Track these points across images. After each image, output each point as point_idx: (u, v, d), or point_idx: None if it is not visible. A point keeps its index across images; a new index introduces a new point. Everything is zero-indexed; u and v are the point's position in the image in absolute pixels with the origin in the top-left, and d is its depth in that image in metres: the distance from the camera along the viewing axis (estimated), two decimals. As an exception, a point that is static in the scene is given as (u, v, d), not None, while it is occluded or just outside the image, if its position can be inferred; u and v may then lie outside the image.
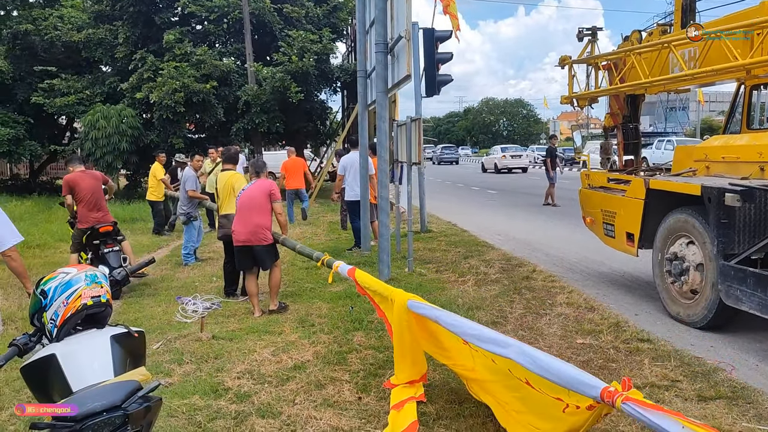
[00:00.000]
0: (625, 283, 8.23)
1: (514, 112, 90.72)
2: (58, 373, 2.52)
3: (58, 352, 2.59)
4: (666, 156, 18.79)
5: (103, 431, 2.19)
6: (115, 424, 2.22)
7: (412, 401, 4.27)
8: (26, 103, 20.87)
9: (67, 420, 2.19)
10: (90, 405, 2.22)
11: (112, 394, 2.30)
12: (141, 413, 2.34)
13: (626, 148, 8.94)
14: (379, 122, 8.65)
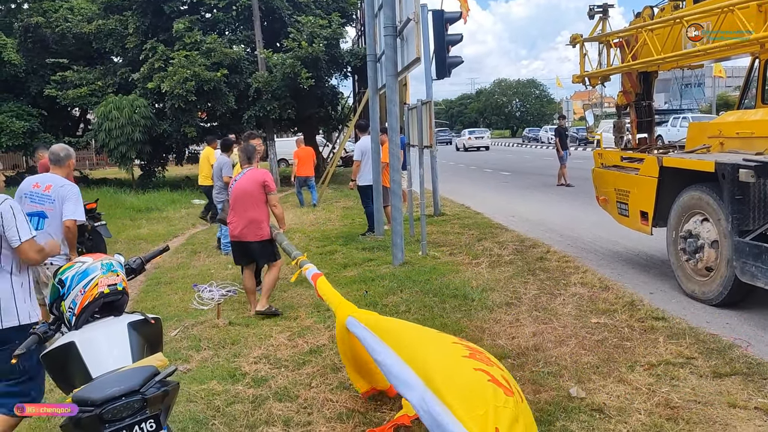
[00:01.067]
0: (639, 262, 8.20)
1: (527, 93, 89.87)
2: (77, 360, 2.58)
3: (77, 339, 2.64)
4: (682, 133, 18.58)
5: (123, 415, 2.24)
6: (134, 408, 2.27)
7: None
8: (39, 95, 21.04)
9: (88, 404, 2.25)
10: (109, 390, 2.28)
11: (130, 379, 2.35)
12: (159, 397, 2.39)
13: (639, 126, 8.86)
14: (389, 106, 8.63)
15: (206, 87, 19.05)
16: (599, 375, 4.51)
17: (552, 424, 3.78)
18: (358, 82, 23.87)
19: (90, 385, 2.41)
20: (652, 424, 3.73)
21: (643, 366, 4.61)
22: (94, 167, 35.84)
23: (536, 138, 54.33)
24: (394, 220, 8.46)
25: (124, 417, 2.25)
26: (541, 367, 4.69)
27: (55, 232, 5.08)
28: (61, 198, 5.16)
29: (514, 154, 39.11)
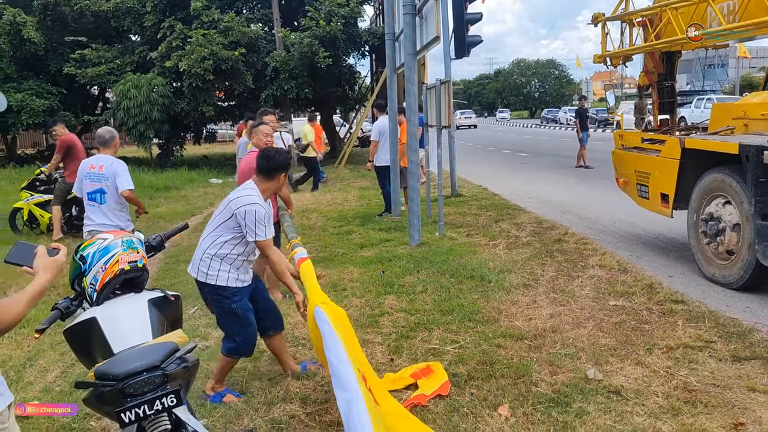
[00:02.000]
0: (658, 244, 8.13)
1: (546, 73, 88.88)
2: (99, 335, 2.61)
3: (98, 315, 2.67)
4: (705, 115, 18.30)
5: (144, 390, 2.27)
6: (155, 384, 2.30)
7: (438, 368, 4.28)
8: (59, 74, 21.12)
9: (110, 379, 2.28)
10: (131, 365, 2.30)
11: (151, 355, 2.37)
12: (180, 373, 2.41)
13: (661, 107, 8.72)
14: (408, 85, 8.57)
15: (224, 66, 19.02)
16: (617, 357, 4.49)
17: (569, 406, 3.77)
18: (375, 62, 23.69)
19: (112, 359, 2.44)
20: (669, 407, 3.72)
21: (661, 349, 4.59)
22: (113, 146, 36.11)
23: (555, 119, 53.78)
24: (411, 200, 8.44)
25: (145, 392, 2.27)
26: (559, 348, 4.68)
27: (113, 204, 5.97)
28: (113, 173, 5.95)
29: (532, 135, 38.78)
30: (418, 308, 5.71)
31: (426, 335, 5.05)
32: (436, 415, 3.75)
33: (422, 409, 3.81)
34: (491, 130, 51.11)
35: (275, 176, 4.04)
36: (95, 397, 2.36)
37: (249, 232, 3.88)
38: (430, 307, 5.73)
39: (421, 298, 6.00)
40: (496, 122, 67.60)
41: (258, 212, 3.88)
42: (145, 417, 2.27)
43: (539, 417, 3.67)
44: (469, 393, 4.02)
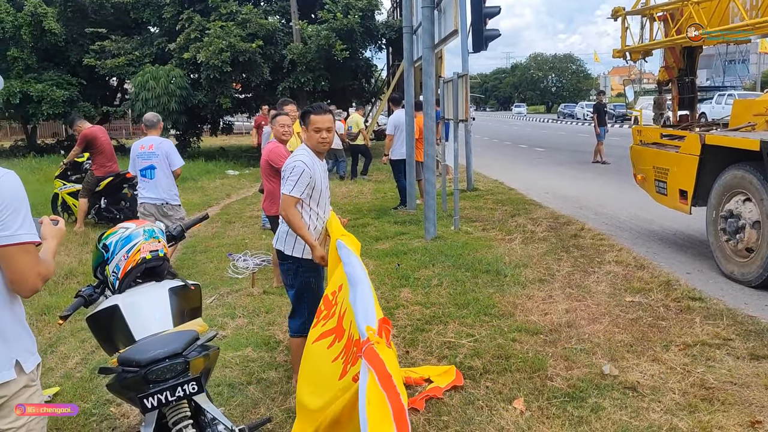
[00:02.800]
0: (676, 241, 8.07)
1: (563, 68, 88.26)
2: (121, 322, 2.65)
3: (120, 302, 2.71)
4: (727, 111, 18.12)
5: (166, 376, 2.31)
6: (177, 371, 2.33)
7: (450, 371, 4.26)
8: (79, 65, 21.30)
9: (133, 365, 2.32)
10: (153, 352, 2.34)
11: (173, 342, 2.41)
12: (201, 361, 2.45)
13: (681, 103, 8.65)
14: (425, 79, 8.55)
15: (241, 58, 19.08)
16: (633, 354, 4.48)
17: (584, 401, 3.77)
18: (392, 55, 23.67)
19: (135, 346, 2.48)
20: (686, 404, 3.71)
21: (678, 346, 4.57)
22: (131, 137, 36.33)
23: (572, 114, 53.41)
24: (427, 194, 8.44)
25: (167, 378, 2.31)
26: (574, 344, 4.67)
27: (162, 178, 6.68)
28: (164, 152, 6.70)
29: (549, 130, 38.56)
30: (434, 301, 5.72)
31: (441, 328, 5.06)
32: (451, 407, 3.77)
33: (437, 402, 3.83)
34: (507, 124, 50.88)
35: (306, 123, 3.94)
36: (119, 382, 2.41)
37: (283, 183, 3.88)
38: (446, 300, 5.74)
39: (436, 292, 6.01)
40: (511, 117, 67.00)
41: (296, 167, 3.79)
42: (167, 403, 2.30)
43: (554, 411, 3.67)
44: (485, 386, 4.03)
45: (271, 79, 20.45)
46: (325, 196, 4.04)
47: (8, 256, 2.03)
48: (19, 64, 20.29)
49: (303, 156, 3.88)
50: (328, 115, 3.95)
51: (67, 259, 7.85)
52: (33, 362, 2.18)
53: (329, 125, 3.93)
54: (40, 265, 2.11)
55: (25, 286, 2.08)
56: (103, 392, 4.13)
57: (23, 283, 2.07)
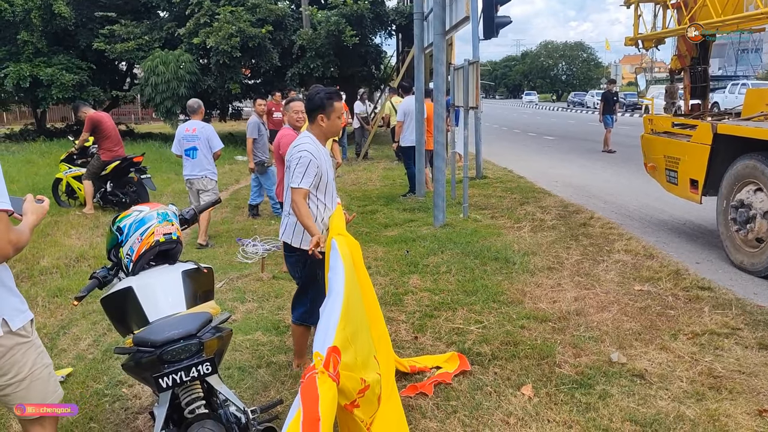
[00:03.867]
0: (686, 231, 8.05)
1: (574, 56, 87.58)
2: (135, 304, 2.68)
3: (134, 284, 2.74)
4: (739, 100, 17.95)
5: (181, 357, 2.34)
6: (191, 351, 2.36)
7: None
8: (88, 49, 21.29)
9: (148, 345, 2.35)
10: (168, 333, 2.37)
11: (187, 324, 2.44)
12: (214, 342, 2.48)
13: (693, 92, 8.58)
14: (436, 65, 8.52)
15: (251, 43, 19.03)
16: (641, 342, 4.49)
17: (592, 388, 3.79)
18: (402, 41, 23.54)
19: (150, 327, 2.51)
20: (694, 392, 3.72)
21: (686, 335, 4.57)
22: (140, 121, 36.42)
23: (582, 103, 53.08)
24: (436, 181, 8.44)
25: (182, 359, 2.34)
26: (582, 331, 4.69)
27: (203, 158, 7.66)
28: (206, 135, 7.66)
29: (558, 119, 38.37)
30: (442, 288, 5.74)
31: (450, 315, 5.09)
32: (460, 392, 3.79)
33: (446, 387, 3.86)
34: (517, 112, 50.63)
35: (314, 117, 3.88)
36: (134, 362, 2.44)
37: (289, 176, 3.81)
38: (454, 287, 5.76)
39: (445, 279, 6.03)
40: (521, 105, 66.49)
41: (303, 158, 3.73)
42: (181, 383, 2.34)
43: (562, 398, 3.70)
44: (493, 372, 4.05)
45: (280, 65, 20.39)
46: (331, 185, 4.00)
47: None
48: (29, 47, 20.30)
49: (308, 145, 3.81)
50: (341, 102, 3.95)
51: (78, 242, 7.91)
52: (21, 320, 2.30)
53: (341, 112, 3.94)
54: (12, 233, 2.19)
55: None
56: (115, 373, 4.18)
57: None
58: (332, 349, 1.92)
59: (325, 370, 1.88)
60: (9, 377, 2.27)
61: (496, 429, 3.38)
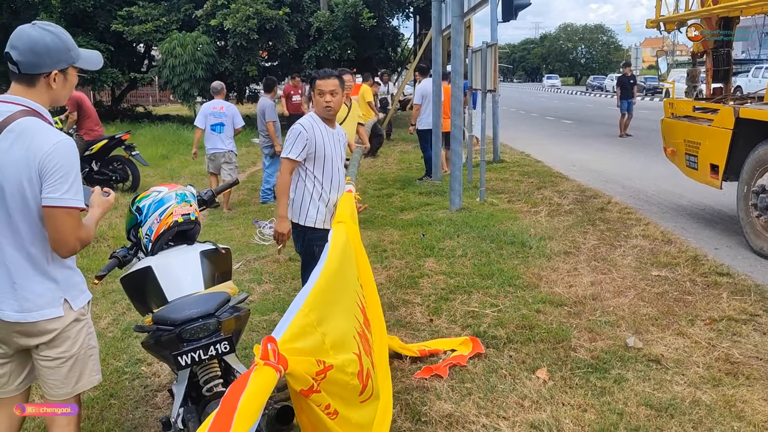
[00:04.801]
0: (705, 216, 7.97)
1: (594, 39, 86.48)
2: (154, 283, 2.71)
3: (153, 264, 2.78)
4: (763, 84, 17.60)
5: (199, 336, 2.37)
6: (210, 330, 2.39)
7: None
8: (107, 30, 21.36)
9: (167, 324, 2.38)
10: (187, 312, 2.40)
11: (206, 303, 2.47)
12: (232, 322, 2.51)
13: (715, 75, 8.45)
14: (454, 48, 8.47)
15: (268, 25, 19.00)
16: (658, 327, 4.47)
17: (607, 372, 3.79)
18: (419, 24, 23.39)
19: (169, 306, 2.54)
20: (710, 378, 3.71)
21: (704, 320, 4.55)
22: (157, 103, 36.57)
23: (601, 86, 52.47)
24: (453, 165, 8.41)
25: (200, 337, 2.37)
26: (599, 316, 4.68)
27: (226, 134, 8.70)
28: (231, 113, 8.76)
29: (577, 103, 37.99)
30: (458, 272, 5.75)
31: (465, 298, 5.09)
32: (475, 375, 3.81)
33: (460, 370, 3.87)
34: (535, 96, 50.19)
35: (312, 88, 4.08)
36: (154, 340, 2.48)
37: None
38: (470, 271, 5.77)
39: (460, 262, 6.03)
40: (542, 89, 65.43)
41: (293, 130, 3.97)
42: (200, 361, 2.37)
43: (577, 381, 3.70)
44: (508, 355, 4.06)
45: (297, 47, 20.35)
46: (331, 165, 4.03)
47: (53, 216, 2.19)
48: (49, 29, 20.43)
49: (303, 120, 4.02)
50: (333, 79, 3.97)
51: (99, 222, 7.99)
52: (82, 300, 2.41)
53: (332, 88, 3.96)
54: (81, 229, 2.26)
55: (64, 247, 2.24)
56: (134, 352, 4.25)
57: (63, 243, 2.23)
58: (267, 339, 1.89)
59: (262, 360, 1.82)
60: (60, 351, 2.35)
61: (511, 411, 3.40)
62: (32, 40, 2.22)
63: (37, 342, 2.32)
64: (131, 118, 23.43)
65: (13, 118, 2.19)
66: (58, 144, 2.19)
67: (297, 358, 1.96)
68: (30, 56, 2.22)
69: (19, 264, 2.24)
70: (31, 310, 2.26)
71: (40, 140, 2.17)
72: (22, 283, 2.25)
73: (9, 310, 2.25)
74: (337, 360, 2.26)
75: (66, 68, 2.32)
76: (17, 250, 2.24)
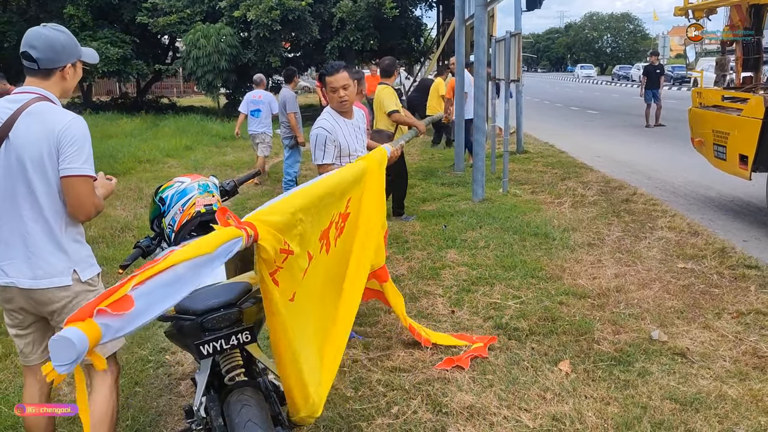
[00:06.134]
0: (733, 208, 7.83)
1: (620, 28, 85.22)
2: (177, 273, 2.72)
3: (176, 254, 2.79)
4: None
5: (221, 325, 2.38)
6: (231, 320, 2.41)
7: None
8: (132, 23, 21.57)
9: (189, 313, 2.40)
10: (209, 301, 2.42)
11: (228, 293, 2.48)
12: (253, 311, 2.52)
13: (745, 64, 8.26)
14: (477, 37, 8.40)
15: (291, 16, 19.03)
16: (683, 320, 4.41)
17: (631, 365, 3.75)
18: (442, 13, 23.23)
19: (191, 296, 2.53)
20: (737, 372, 3.65)
21: (731, 314, 4.47)
22: (182, 95, 36.87)
23: (627, 76, 51.69)
24: (476, 155, 8.36)
25: (222, 327, 2.39)
26: (623, 308, 4.63)
27: (264, 118, 10.13)
28: (268, 100, 10.15)
29: (602, 93, 37.50)
30: (480, 263, 5.72)
31: (487, 290, 5.07)
32: (496, 366, 3.79)
33: (482, 361, 3.86)
34: (560, 86, 49.63)
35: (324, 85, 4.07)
36: (176, 330, 2.51)
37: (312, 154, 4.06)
38: (492, 262, 5.73)
39: (483, 254, 6.00)
40: (575, 80, 62.18)
41: (318, 136, 3.98)
42: (222, 351, 2.38)
43: (600, 374, 3.66)
44: (530, 347, 4.03)
45: (320, 38, 20.35)
46: (356, 153, 4.10)
47: (72, 185, 2.49)
48: (75, 21, 20.66)
49: (323, 122, 4.02)
50: (342, 72, 3.93)
51: (123, 213, 8.10)
52: (91, 272, 2.67)
53: (344, 83, 3.93)
54: (95, 197, 2.58)
55: (82, 211, 2.55)
56: (158, 341, 4.30)
57: (81, 208, 2.54)
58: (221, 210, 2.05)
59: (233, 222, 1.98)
60: None
61: (533, 404, 3.38)
62: (50, 39, 2.53)
63: (50, 309, 2.57)
64: (156, 110, 23.67)
65: (30, 102, 2.49)
66: (73, 120, 2.50)
67: (267, 228, 2.08)
68: (50, 53, 2.52)
69: (37, 235, 2.50)
70: (43, 278, 2.51)
71: (55, 118, 2.47)
72: (38, 252, 2.50)
73: (23, 277, 2.50)
74: (297, 250, 2.33)
75: (75, 62, 2.64)
76: (35, 222, 2.49)
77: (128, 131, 16.60)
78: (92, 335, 1.56)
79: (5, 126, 2.45)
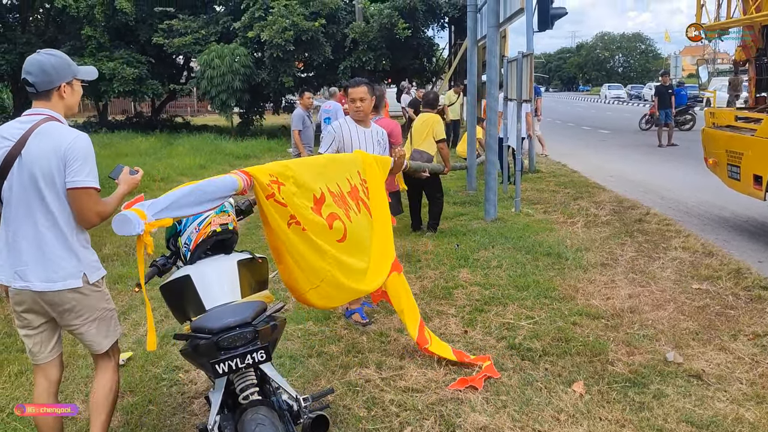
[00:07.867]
0: (748, 228, 7.77)
1: (631, 48, 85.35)
2: (192, 292, 2.76)
3: (192, 273, 2.82)
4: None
5: (236, 344, 2.40)
6: (247, 339, 2.42)
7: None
8: (148, 43, 21.89)
9: (205, 332, 2.42)
10: (225, 320, 2.44)
11: (243, 312, 2.50)
12: (268, 330, 2.53)
13: (759, 85, 8.27)
14: (489, 58, 8.45)
15: (304, 37, 19.24)
16: (698, 342, 4.37)
17: (646, 387, 3.72)
18: (454, 34, 23.40)
19: (207, 314, 2.58)
20: (754, 395, 3.60)
21: (747, 335, 4.43)
22: (196, 114, 37.24)
23: (639, 96, 51.61)
24: (488, 174, 8.37)
25: (237, 346, 2.40)
26: (637, 329, 4.59)
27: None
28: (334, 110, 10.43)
29: (613, 112, 37.46)
30: (493, 283, 5.71)
31: (500, 309, 5.05)
32: (510, 387, 3.77)
33: (495, 382, 3.84)
34: (571, 105, 49.64)
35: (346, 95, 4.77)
36: (192, 348, 2.52)
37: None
38: (505, 282, 5.72)
39: (495, 273, 5.99)
40: (605, 101, 55.80)
41: (328, 132, 4.63)
42: (236, 369, 2.40)
43: (615, 396, 3.63)
44: (543, 368, 4.01)
45: (332, 58, 20.55)
46: None
47: (77, 196, 2.70)
48: (93, 42, 21.00)
49: (335, 123, 4.71)
50: (362, 87, 4.54)
51: (138, 231, 8.15)
52: (97, 275, 2.88)
53: (361, 96, 4.53)
54: (99, 205, 2.76)
55: (85, 220, 2.76)
56: (172, 359, 4.32)
57: (84, 217, 2.74)
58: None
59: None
60: (83, 318, 2.83)
61: (547, 425, 3.35)
62: (41, 63, 2.74)
63: (60, 309, 2.78)
64: (170, 129, 23.90)
65: (39, 123, 2.72)
66: (77, 138, 2.73)
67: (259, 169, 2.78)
68: (43, 76, 2.74)
69: (51, 242, 2.71)
70: (56, 280, 2.72)
71: (62, 136, 2.70)
72: (51, 257, 2.71)
73: (37, 281, 2.71)
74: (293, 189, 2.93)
75: (71, 80, 2.85)
76: (48, 229, 2.71)
77: (143, 150, 16.78)
78: (138, 212, 2.38)
79: (18, 144, 2.67)
